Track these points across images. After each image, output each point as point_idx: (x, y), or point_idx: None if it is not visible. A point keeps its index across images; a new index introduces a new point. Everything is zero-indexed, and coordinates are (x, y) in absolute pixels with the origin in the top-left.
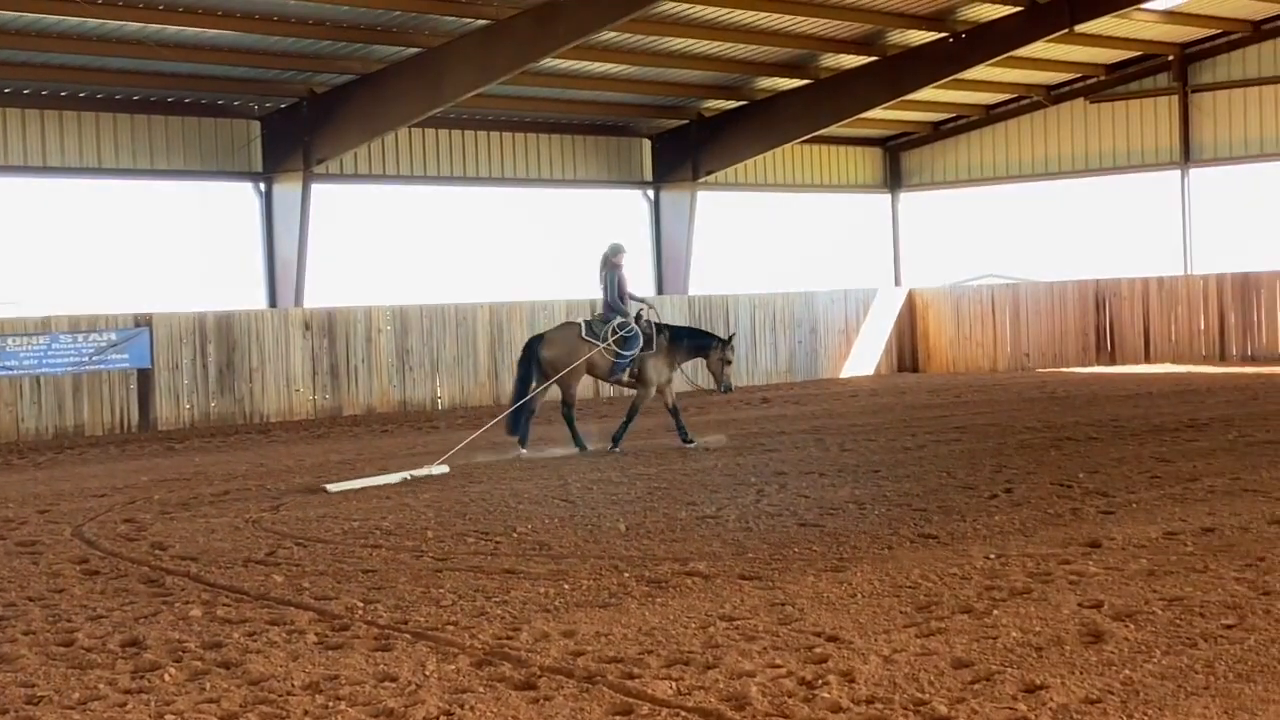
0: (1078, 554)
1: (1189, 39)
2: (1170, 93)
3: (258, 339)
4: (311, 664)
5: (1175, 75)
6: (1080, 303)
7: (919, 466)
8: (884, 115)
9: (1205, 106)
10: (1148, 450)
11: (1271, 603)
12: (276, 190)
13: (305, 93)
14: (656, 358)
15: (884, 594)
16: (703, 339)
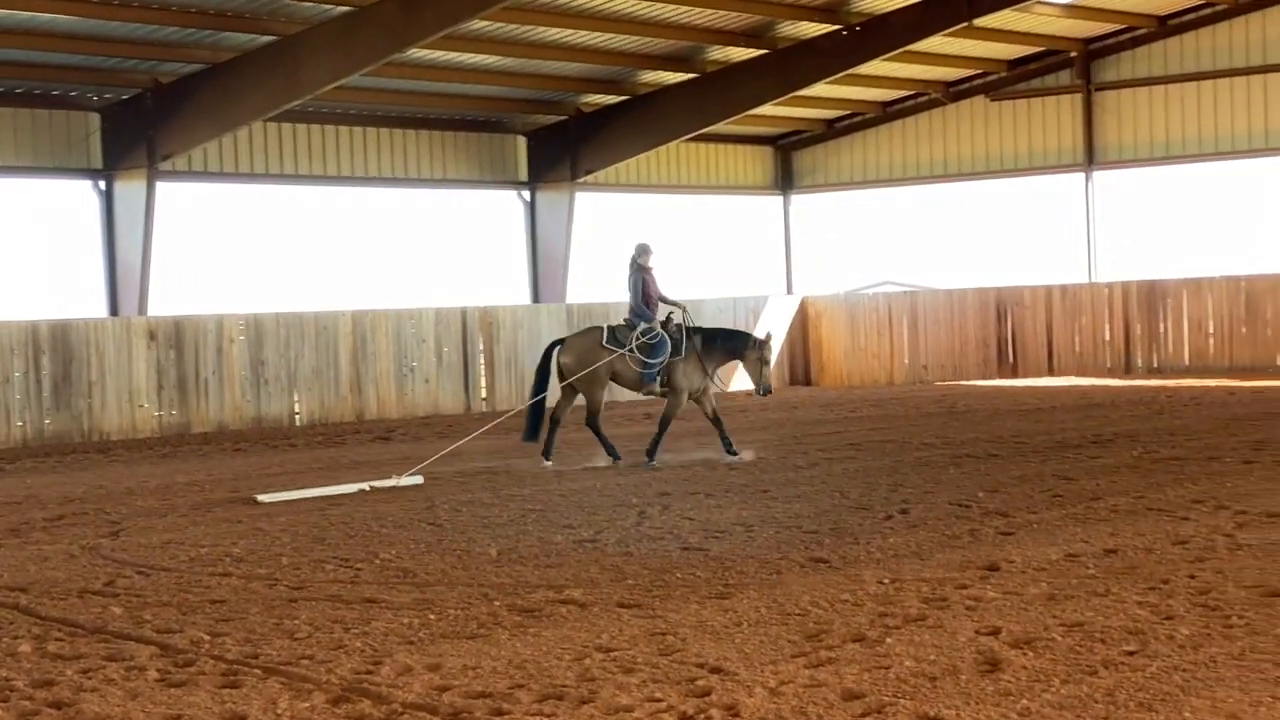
0: (975, 578)
1: (1092, 35)
2: (1073, 91)
3: (97, 350)
4: (152, 703)
5: (1078, 73)
6: (981, 312)
7: (810, 486)
8: (775, 112)
9: (1109, 105)
10: (1050, 468)
11: (1175, 628)
12: (118, 188)
13: (149, 83)
14: (686, 363)
15: (771, 622)
16: (737, 340)
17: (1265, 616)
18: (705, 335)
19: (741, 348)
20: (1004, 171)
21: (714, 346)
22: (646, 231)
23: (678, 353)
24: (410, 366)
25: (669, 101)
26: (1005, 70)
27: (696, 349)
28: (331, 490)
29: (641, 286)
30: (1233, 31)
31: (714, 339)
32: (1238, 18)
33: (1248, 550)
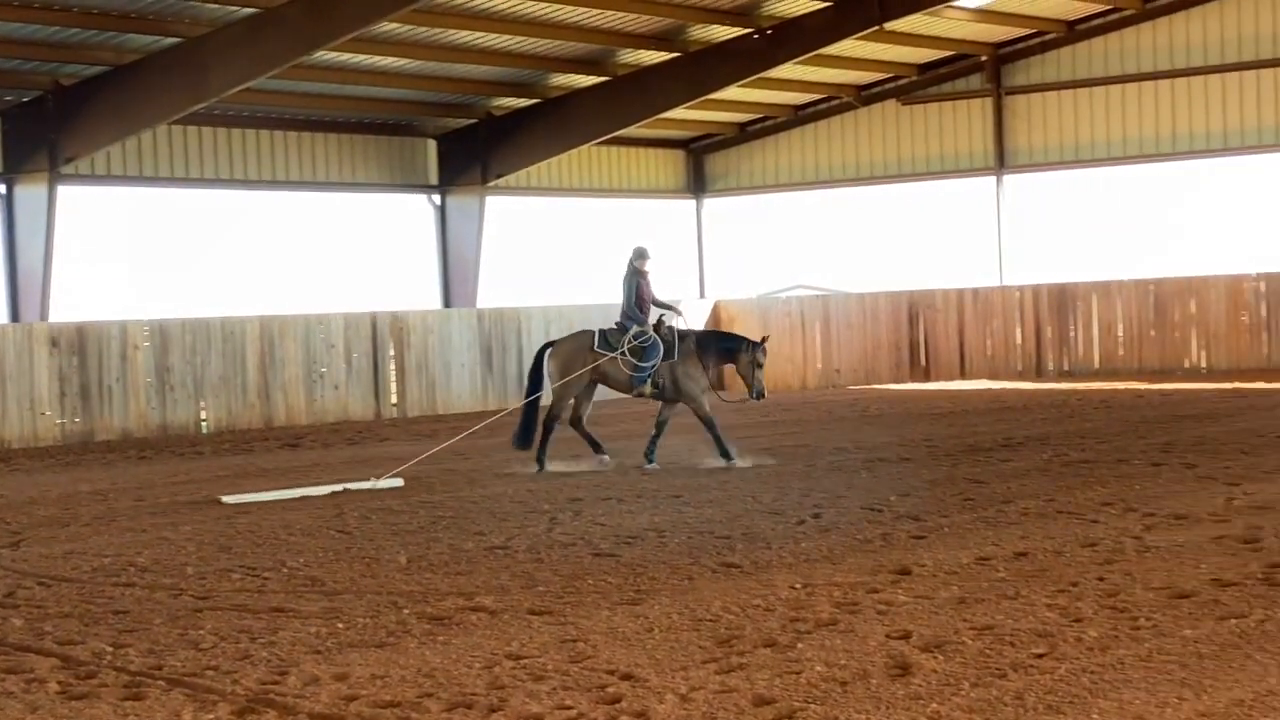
0: (887, 582)
1: (1002, 39)
2: (984, 95)
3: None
4: (52, 716)
5: (989, 77)
6: (893, 315)
7: (723, 491)
8: (687, 115)
9: (1019, 109)
10: (961, 471)
11: (1083, 630)
12: (18, 192)
13: (50, 85)
14: (685, 365)
15: (682, 628)
16: (730, 342)
17: (1172, 618)
18: (699, 337)
19: (735, 350)
20: (916, 175)
21: (708, 349)
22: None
23: (670, 355)
24: (319, 372)
25: (580, 105)
26: (916, 74)
27: (692, 351)
28: (300, 492)
29: (636, 290)
30: (1140, 37)
31: (707, 342)
32: (1145, 23)
33: (1155, 552)
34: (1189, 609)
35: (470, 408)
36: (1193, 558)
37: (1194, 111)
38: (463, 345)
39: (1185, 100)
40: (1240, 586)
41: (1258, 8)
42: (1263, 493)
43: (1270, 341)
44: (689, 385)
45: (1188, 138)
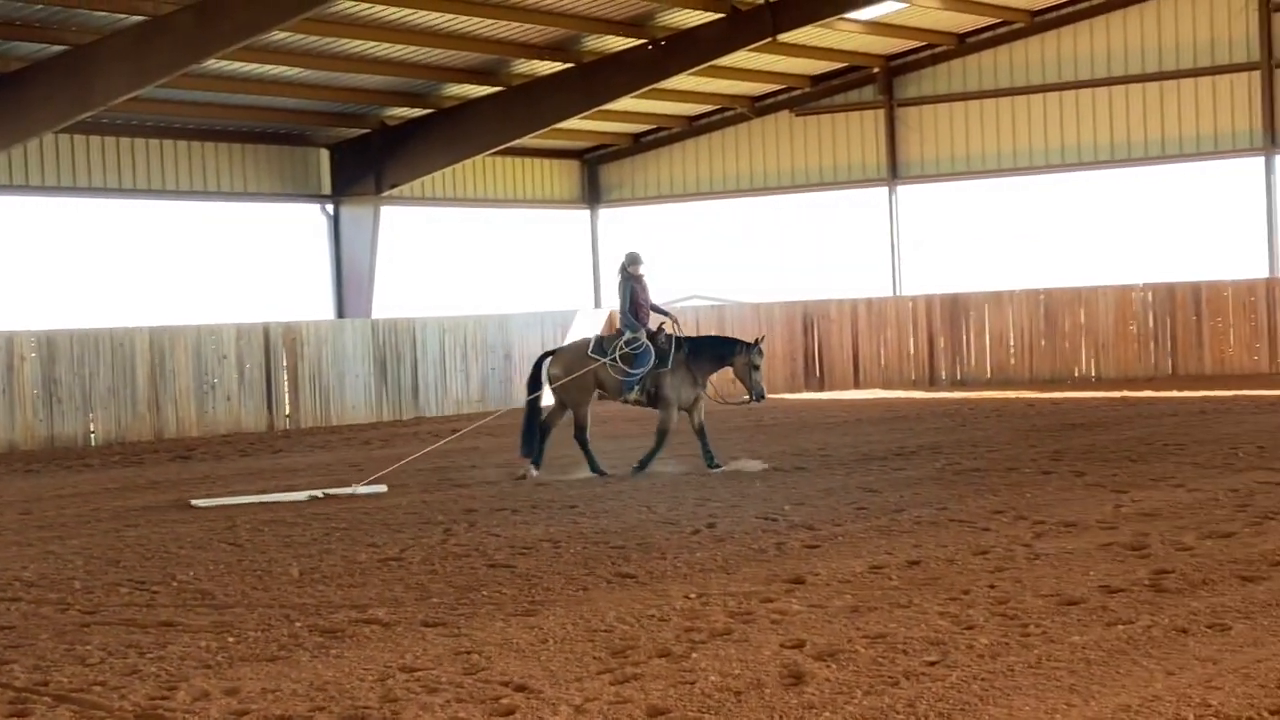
0: (781, 591)
1: (894, 51)
2: (876, 106)
3: None
4: None
5: (881, 88)
6: (788, 325)
7: (618, 501)
8: (581, 126)
9: (911, 121)
10: (855, 480)
11: (974, 637)
12: None
13: None
14: (674, 374)
15: (577, 639)
16: (724, 346)
17: (1061, 625)
18: (694, 344)
19: (729, 354)
20: (809, 186)
21: (702, 355)
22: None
23: (664, 363)
24: (211, 384)
25: (475, 115)
26: (810, 85)
27: (685, 359)
28: (274, 497)
29: (630, 295)
30: (1029, 50)
31: (702, 347)
32: (1033, 36)
33: (1045, 560)
34: (1078, 616)
35: (365, 419)
36: (1081, 565)
37: (1082, 124)
38: (357, 356)
39: (1073, 113)
40: (1128, 593)
41: (1143, 23)
42: (1150, 500)
43: (1157, 351)
44: (667, 393)
45: (1076, 150)
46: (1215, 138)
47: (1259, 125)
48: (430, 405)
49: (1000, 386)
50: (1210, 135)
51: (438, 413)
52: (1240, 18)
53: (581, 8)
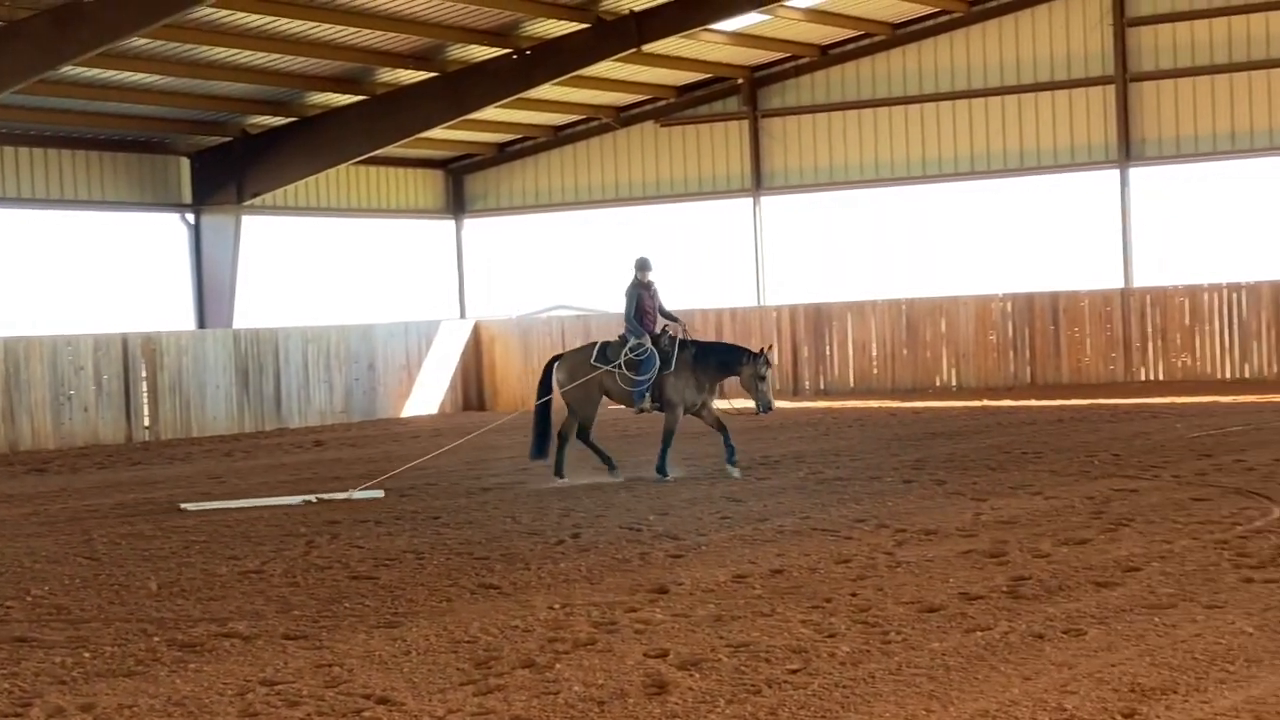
0: (645, 600)
1: (758, 63)
2: (741, 117)
3: None
4: None
5: (745, 99)
6: None
7: (483, 512)
8: (446, 135)
9: (775, 132)
10: (719, 490)
11: (836, 645)
12: None
13: None
14: (677, 377)
15: (440, 650)
16: (730, 354)
17: (921, 631)
18: (699, 349)
19: (735, 363)
20: (674, 196)
21: (707, 361)
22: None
23: (667, 366)
24: (68, 395)
25: (338, 123)
26: (675, 96)
27: (689, 362)
28: (267, 501)
29: (637, 302)
30: (890, 62)
31: (708, 353)
32: (895, 49)
33: (906, 567)
34: (937, 622)
35: (227, 430)
36: (942, 572)
37: (943, 136)
38: (218, 366)
39: (934, 124)
40: (986, 600)
41: (1001, 37)
42: (1008, 508)
43: (1016, 360)
44: (672, 395)
45: (937, 161)
46: (1072, 150)
47: (1114, 138)
48: (293, 416)
49: (863, 396)
50: (1067, 148)
51: (301, 423)
52: (1095, 33)
53: (446, 17)
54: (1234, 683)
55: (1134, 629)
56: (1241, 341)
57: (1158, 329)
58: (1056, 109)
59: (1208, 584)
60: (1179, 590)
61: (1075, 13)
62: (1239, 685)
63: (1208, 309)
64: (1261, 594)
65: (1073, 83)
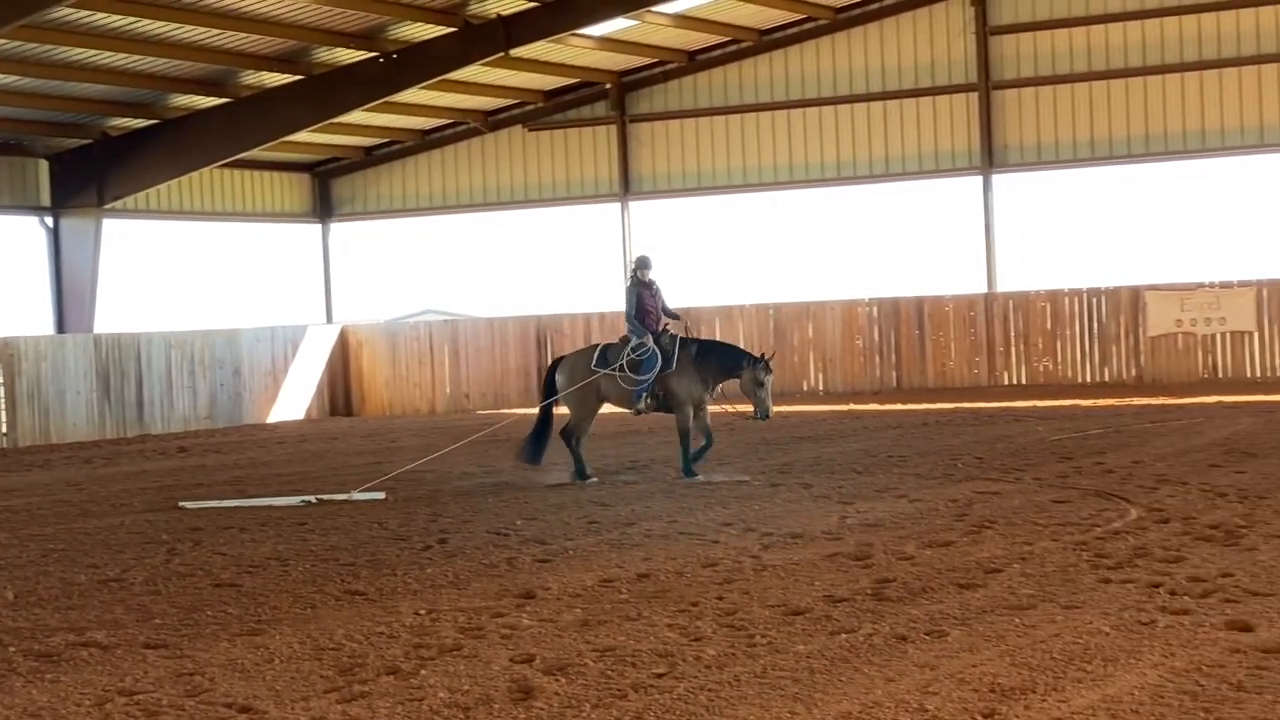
0: (512, 606)
1: (626, 68)
2: (609, 122)
3: None
4: None
5: (614, 104)
6: (521, 340)
7: (349, 518)
8: (312, 139)
9: (643, 137)
10: (587, 494)
11: (702, 649)
12: None
13: None
14: (681, 375)
15: (304, 657)
16: (731, 358)
17: (786, 634)
18: (700, 347)
19: (737, 366)
20: (543, 201)
21: (709, 360)
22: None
23: (669, 366)
24: None
25: (202, 126)
26: (543, 100)
27: (691, 361)
28: (266, 501)
29: (637, 301)
30: (757, 68)
31: (709, 353)
32: (762, 55)
33: (772, 571)
34: (802, 625)
35: (87, 436)
36: (807, 575)
37: (809, 141)
38: (78, 372)
39: (801, 130)
40: (851, 602)
41: (866, 44)
42: (874, 510)
43: (882, 364)
44: (680, 393)
45: (804, 167)
46: (936, 157)
47: (977, 145)
48: (156, 422)
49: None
50: (931, 154)
51: (164, 430)
52: (959, 41)
53: (311, 19)
54: (1091, 682)
55: (995, 630)
56: (1101, 346)
57: (1020, 333)
58: (921, 116)
59: (1067, 585)
60: (1039, 591)
61: (939, 21)
62: (1096, 684)
63: (1068, 314)
64: (1118, 594)
65: (937, 90)
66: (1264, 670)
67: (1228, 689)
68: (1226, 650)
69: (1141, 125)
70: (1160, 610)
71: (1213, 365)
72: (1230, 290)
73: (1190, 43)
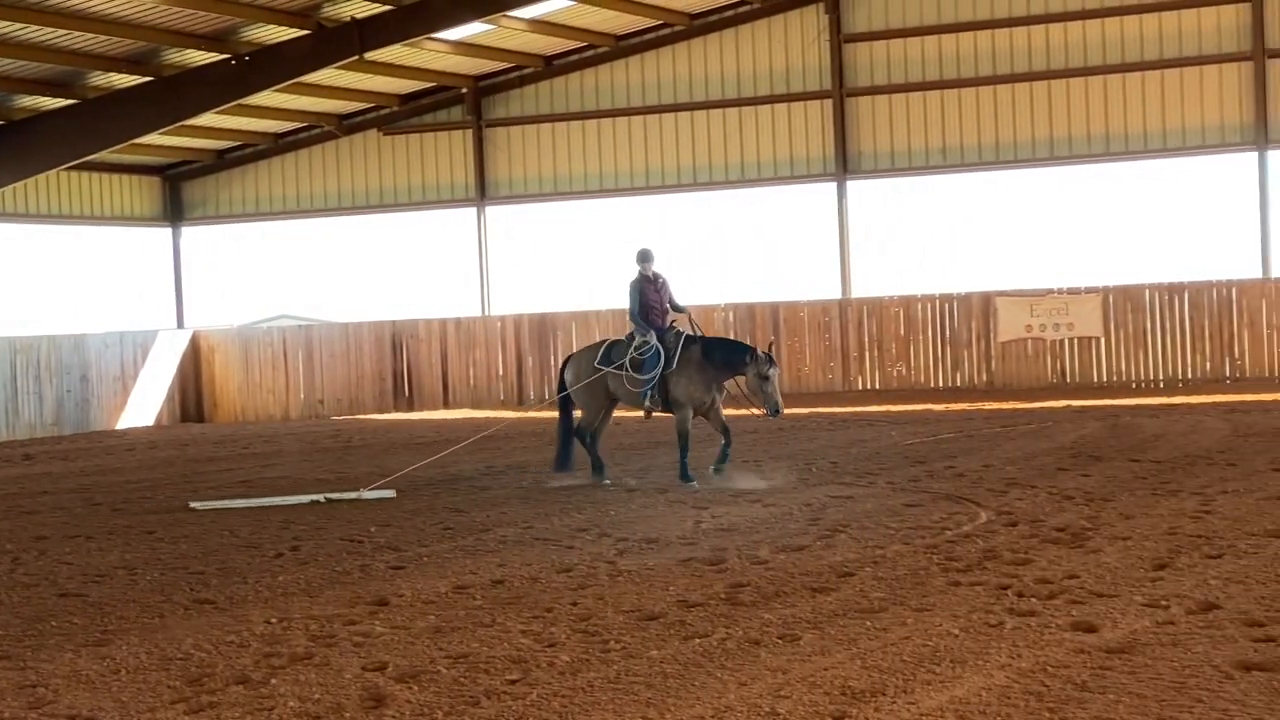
0: (365, 613)
1: (483, 72)
2: (465, 126)
3: None
4: None
5: (470, 108)
6: (376, 345)
7: (199, 526)
8: (163, 141)
9: (500, 141)
10: (441, 500)
11: (556, 655)
12: None
13: None
14: (680, 375)
15: (151, 668)
16: (734, 353)
17: (640, 640)
18: (705, 345)
19: (739, 363)
20: (399, 205)
21: (711, 359)
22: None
23: (670, 365)
24: None
25: (47, 128)
26: (399, 105)
27: (695, 360)
28: (275, 500)
29: (639, 296)
30: (614, 73)
31: (712, 350)
32: (619, 60)
33: (627, 576)
34: (656, 630)
35: None
36: (662, 580)
37: (665, 147)
38: None
39: (657, 136)
40: (704, 607)
41: (722, 50)
42: (728, 515)
43: None
44: (679, 394)
45: (660, 172)
46: (791, 163)
47: (831, 152)
48: (1, 429)
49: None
50: (787, 160)
51: (9, 436)
52: (814, 48)
53: (161, 20)
54: (939, 683)
55: (846, 633)
56: (953, 351)
57: (874, 339)
58: (777, 122)
59: (917, 588)
60: (890, 594)
61: (794, 28)
62: (944, 686)
63: (921, 319)
64: (968, 597)
65: (792, 96)
66: (1107, 670)
67: (1072, 689)
68: (1071, 651)
69: (992, 133)
70: (1008, 612)
71: (1061, 370)
72: (1078, 296)
73: (1039, 52)
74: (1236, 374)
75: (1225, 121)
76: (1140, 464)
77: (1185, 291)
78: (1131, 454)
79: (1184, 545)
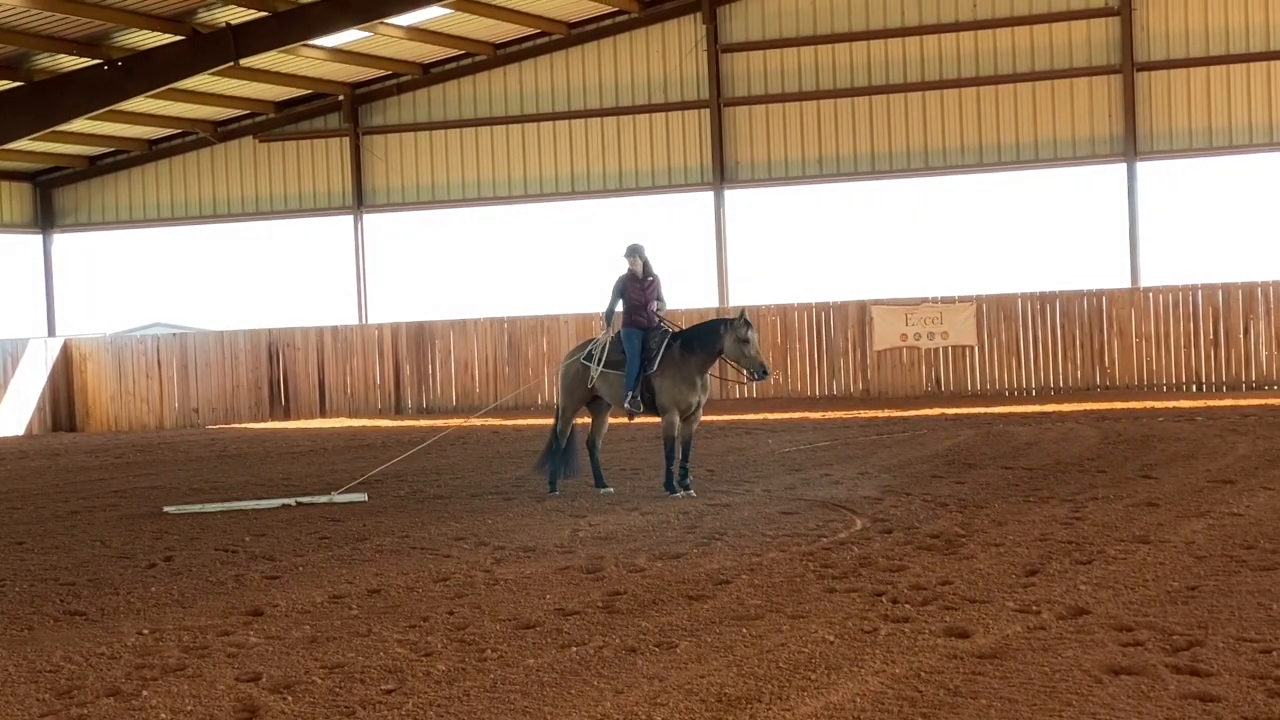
0: (238, 624)
1: (360, 79)
2: (342, 134)
3: None
4: None
5: (347, 116)
6: (253, 354)
7: (70, 536)
8: (33, 147)
9: (377, 149)
10: (318, 510)
11: (432, 664)
12: None
13: None
14: (663, 378)
15: (19, 680)
16: (711, 332)
17: (517, 648)
18: (684, 339)
19: (715, 340)
20: (275, 213)
21: (692, 350)
22: None
23: (651, 366)
24: None
25: None
26: (275, 111)
27: (677, 358)
28: (248, 504)
29: (621, 293)
30: (492, 82)
31: (691, 341)
32: (497, 69)
33: (504, 584)
34: (533, 639)
35: None
36: (539, 589)
37: (544, 156)
38: None
39: (535, 144)
40: (582, 615)
41: (600, 60)
42: (606, 523)
43: None
44: (664, 399)
45: (538, 181)
46: (669, 172)
47: (709, 161)
48: None
49: (466, 414)
50: (665, 169)
51: None
52: (691, 58)
53: (31, 25)
54: (815, 690)
55: (723, 640)
56: (829, 359)
57: None
58: (655, 131)
59: (793, 595)
60: (766, 601)
61: (672, 38)
62: (819, 692)
63: (798, 328)
64: (843, 603)
65: (670, 106)
66: (979, 675)
67: (945, 694)
68: (945, 656)
69: (868, 143)
70: (882, 618)
71: (936, 378)
72: (952, 305)
73: (914, 63)
74: (1107, 382)
75: (1095, 133)
76: (1013, 471)
77: (1057, 301)
78: (1004, 461)
79: (1055, 551)
